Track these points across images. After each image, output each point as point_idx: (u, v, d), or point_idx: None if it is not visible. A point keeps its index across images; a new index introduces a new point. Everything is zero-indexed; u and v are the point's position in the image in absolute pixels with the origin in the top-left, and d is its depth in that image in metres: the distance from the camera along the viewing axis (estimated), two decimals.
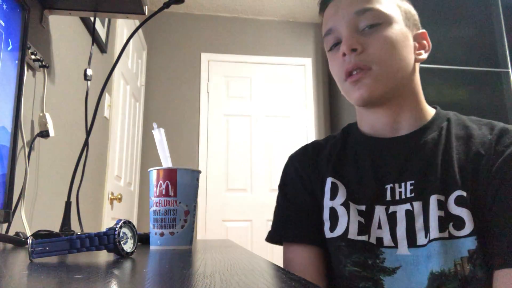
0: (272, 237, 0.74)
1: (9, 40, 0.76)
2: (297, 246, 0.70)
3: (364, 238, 0.63)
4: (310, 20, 3.31)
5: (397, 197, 0.62)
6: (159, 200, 0.64)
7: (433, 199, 0.59)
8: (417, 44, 0.67)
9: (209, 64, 3.11)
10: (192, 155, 2.91)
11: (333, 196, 0.67)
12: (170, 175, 0.64)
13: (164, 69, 3.03)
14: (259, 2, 3.06)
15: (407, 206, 0.61)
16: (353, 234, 0.63)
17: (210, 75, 3.09)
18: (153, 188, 0.65)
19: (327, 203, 0.67)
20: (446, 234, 0.57)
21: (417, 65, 0.69)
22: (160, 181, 0.64)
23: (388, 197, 0.63)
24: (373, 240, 0.62)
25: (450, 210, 0.58)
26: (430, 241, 0.58)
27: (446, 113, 0.69)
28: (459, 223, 0.57)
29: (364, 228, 0.63)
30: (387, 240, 0.61)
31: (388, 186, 0.64)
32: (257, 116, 3.07)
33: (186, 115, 2.98)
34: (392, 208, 0.62)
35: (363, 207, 0.65)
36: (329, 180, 0.68)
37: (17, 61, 0.80)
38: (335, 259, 0.66)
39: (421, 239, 0.59)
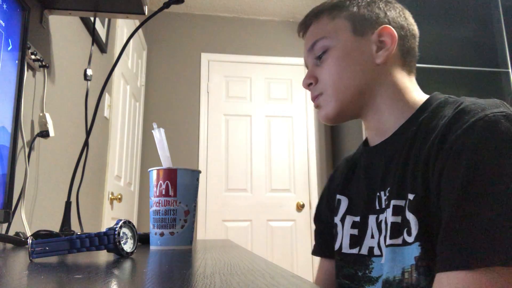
0: (312, 251, 0.84)
1: (9, 40, 0.76)
2: (320, 259, 0.81)
3: (355, 251, 0.66)
4: None
5: (383, 205, 0.62)
6: (159, 200, 0.64)
7: (392, 204, 0.57)
8: (375, 46, 0.64)
9: (209, 64, 3.11)
10: (192, 155, 2.91)
11: (336, 212, 0.73)
12: (170, 175, 0.64)
13: (164, 69, 3.03)
14: (259, 2, 3.06)
15: (386, 213, 0.61)
16: (345, 248, 0.68)
17: (210, 75, 3.09)
18: (153, 188, 0.65)
19: (335, 219, 0.73)
20: (399, 241, 0.55)
21: (391, 64, 0.65)
22: (160, 181, 0.64)
23: (377, 206, 0.63)
24: (364, 251, 0.64)
25: (406, 215, 0.54)
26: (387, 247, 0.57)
27: (436, 101, 0.61)
28: (410, 229, 0.53)
29: (356, 240, 0.66)
30: (376, 250, 0.62)
31: (377, 194, 0.64)
32: (257, 116, 3.07)
33: (186, 115, 2.98)
34: (380, 217, 0.62)
35: (358, 218, 0.67)
36: (337, 197, 0.74)
37: (17, 61, 0.80)
38: (336, 272, 0.71)
39: None
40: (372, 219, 0.64)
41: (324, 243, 0.79)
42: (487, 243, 0.41)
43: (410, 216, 0.53)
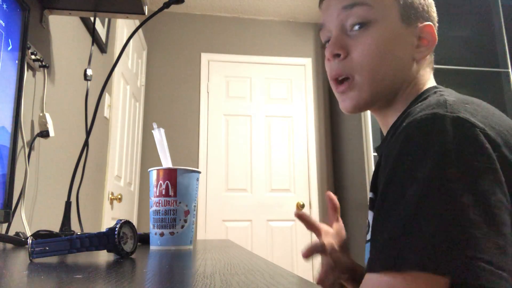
0: None
1: (9, 40, 0.76)
2: None
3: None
4: (310, 20, 3.31)
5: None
6: (159, 200, 0.64)
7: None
8: (416, 41, 0.59)
9: (209, 64, 3.11)
10: (192, 155, 2.91)
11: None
12: (170, 175, 0.64)
13: (164, 69, 3.04)
14: (259, 2, 3.06)
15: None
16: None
17: (210, 75, 3.09)
18: (153, 188, 0.65)
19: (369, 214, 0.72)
20: (368, 237, 0.55)
21: (422, 63, 0.60)
22: (160, 181, 0.64)
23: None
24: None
25: (368, 214, 0.54)
26: None
27: (424, 95, 0.57)
28: (369, 227, 0.53)
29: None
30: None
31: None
32: (257, 116, 3.07)
33: (186, 115, 2.98)
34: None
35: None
36: (369, 195, 0.71)
37: (17, 61, 0.80)
38: None
39: None
40: (370, 214, 0.64)
41: None
42: (394, 248, 0.40)
43: (370, 214, 0.53)
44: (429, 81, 0.62)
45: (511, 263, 0.37)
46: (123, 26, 2.24)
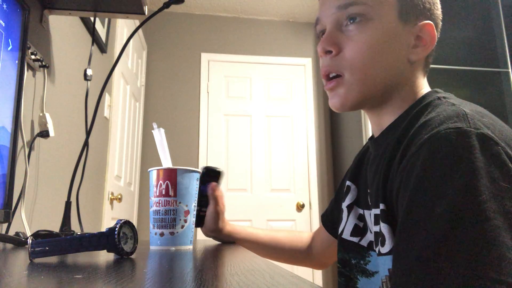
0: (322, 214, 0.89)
1: (9, 40, 0.76)
2: (321, 225, 0.88)
3: (355, 239, 0.64)
4: (310, 20, 3.31)
5: (369, 202, 0.60)
6: (159, 200, 0.64)
7: (373, 214, 0.55)
8: (413, 40, 0.57)
9: (209, 64, 3.11)
10: (192, 155, 2.91)
11: (344, 198, 0.70)
12: (170, 175, 0.64)
13: (164, 69, 3.03)
14: (259, 2, 3.06)
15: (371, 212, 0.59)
16: (346, 235, 0.66)
17: (210, 75, 3.09)
18: (153, 188, 0.65)
19: (342, 205, 0.71)
20: (377, 250, 0.53)
21: (418, 64, 0.58)
22: (160, 181, 0.64)
23: (369, 202, 0.61)
24: (364, 243, 0.63)
25: (381, 225, 0.51)
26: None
27: (426, 100, 0.55)
28: (383, 239, 0.50)
29: (359, 231, 0.65)
30: (374, 245, 0.61)
31: (368, 191, 0.62)
32: (257, 116, 3.07)
33: (186, 115, 2.98)
34: (372, 213, 0.59)
35: (362, 211, 0.66)
36: (347, 183, 0.71)
37: (17, 61, 0.80)
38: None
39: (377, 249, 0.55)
40: (367, 214, 0.63)
41: (331, 214, 0.82)
42: (424, 272, 0.37)
43: (383, 226, 0.50)
44: (425, 84, 0.60)
45: None
46: (123, 26, 2.24)
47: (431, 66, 0.63)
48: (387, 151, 0.53)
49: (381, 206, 0.50)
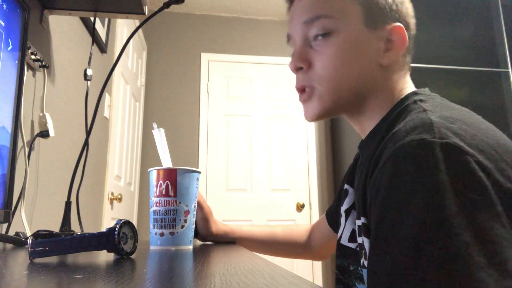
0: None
1: (9, 40, 0.76)
2: (324, 217, 0.87)
3: (352, 245, 0.63)
4: None
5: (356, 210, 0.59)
6: (159, 200, 0.64)
7: (356, 225, 0.55)
8: (383, 45, 0.57)
9: (209, 64, 3.11)
10: (192, 155, 2.91)
11: (342, 201, 0.68)
12: (170, 175, 0.64)
13: (164, 69, 3.03)
14: (259, 2, 3.06)
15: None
16: (344, 240, 0.65)
17: (210, 75, 3.09)
18: (153, 188, 0.65)
19: (341, 209, 0.69)
20: (361, 262, 0.53)
21: (393, 67, 0.58)
22: (160, 181, 0.64)
23: (357, 208, 0.60)
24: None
25: (362, 238, 0.51)
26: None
27: (404, 104, 0.54)
28: (365, 252, 0.50)
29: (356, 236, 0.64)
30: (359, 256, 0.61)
31: (356, 197, 0.61)
32: (257, 116, 3.07)
33: (186, 115, 2.98)
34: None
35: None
36: (345, 186, 0.70)
37: (17, 61, 0.80)
38: None
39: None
40: (364, 240, 0.63)
41: (336, 212, 0.80)
42: None
43: (365, 240, 0.50)
44: (407, 85, 0.60)
45: None
46: (123, 26, 2.24)
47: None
48: (367, 161, 0.52)
49: (362, 219, 0.50)
